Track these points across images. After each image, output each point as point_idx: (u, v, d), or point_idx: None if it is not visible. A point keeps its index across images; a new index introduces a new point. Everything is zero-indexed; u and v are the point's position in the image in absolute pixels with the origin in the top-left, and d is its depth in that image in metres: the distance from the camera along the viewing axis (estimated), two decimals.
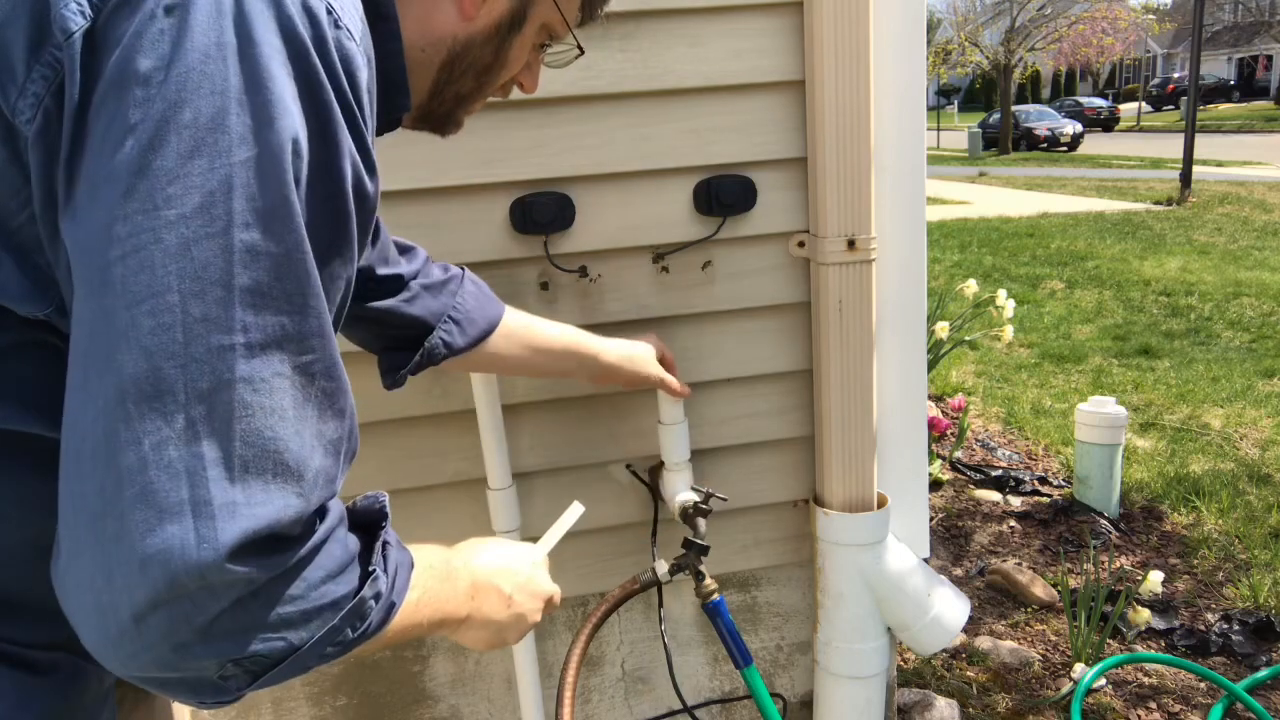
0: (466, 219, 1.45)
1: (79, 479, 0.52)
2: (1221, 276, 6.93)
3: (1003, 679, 2.20)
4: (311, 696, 1.65)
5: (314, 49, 0.56)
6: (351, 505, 0.68)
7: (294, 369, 0.55)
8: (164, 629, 0.52)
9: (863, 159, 1.43)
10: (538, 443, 1.56)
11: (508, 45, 0.79)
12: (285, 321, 0.55)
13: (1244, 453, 3.57)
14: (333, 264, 0.59)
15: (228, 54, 0.53)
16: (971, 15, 30.28)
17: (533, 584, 0.89)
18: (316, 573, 0.58)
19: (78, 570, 0.53)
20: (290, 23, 0.55)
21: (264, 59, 0.53)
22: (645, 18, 1.41)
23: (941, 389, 4.47)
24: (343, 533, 0.61)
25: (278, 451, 0.54)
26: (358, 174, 0.60)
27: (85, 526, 0.52)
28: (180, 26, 0.52)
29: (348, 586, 0.60)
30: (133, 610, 0.51)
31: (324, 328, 0.57)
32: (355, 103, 0.59)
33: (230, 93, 0.52)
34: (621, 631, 1.73)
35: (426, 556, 0.75)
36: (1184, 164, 11.66)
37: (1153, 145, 22.47)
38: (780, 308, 1.58)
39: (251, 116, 0.53)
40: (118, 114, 0.51)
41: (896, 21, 1.47)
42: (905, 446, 1.66)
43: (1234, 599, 2.53)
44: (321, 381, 0.58)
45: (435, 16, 0.74)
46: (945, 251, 8.60)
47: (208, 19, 0.52)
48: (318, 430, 0.57)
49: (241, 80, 0.53)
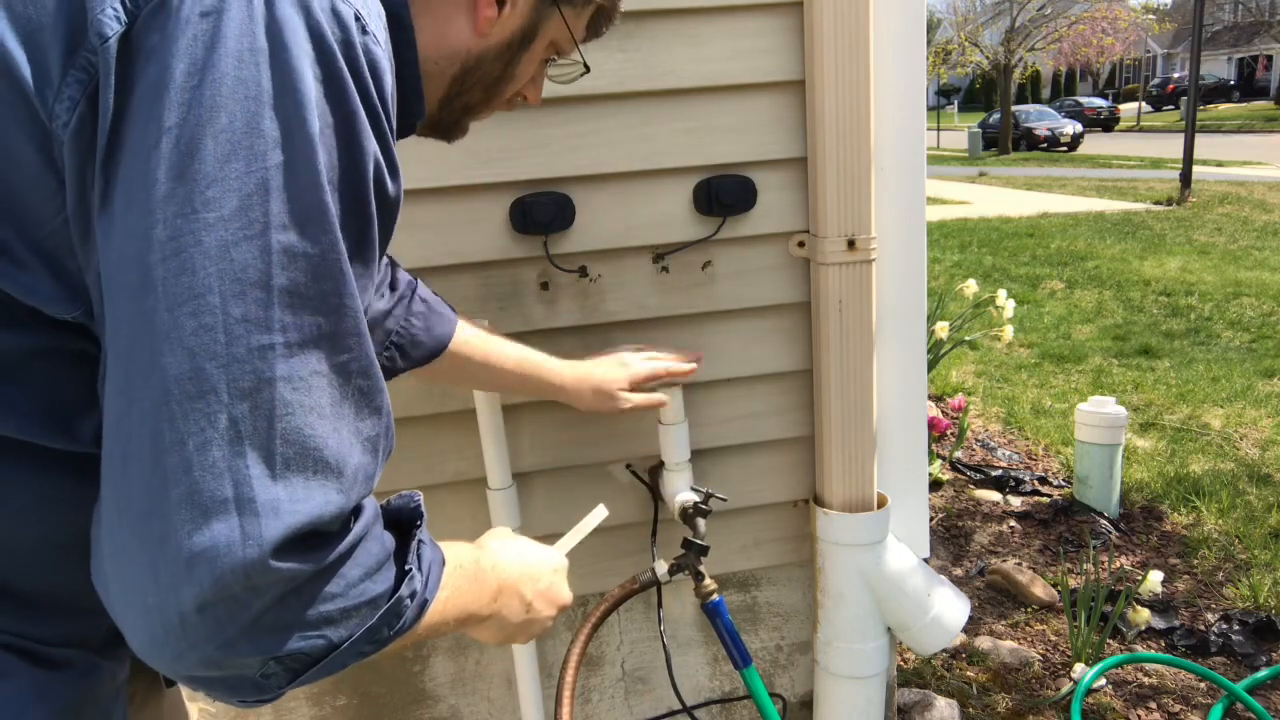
0: (466, 219, 1.45)
1: (124, 480, 0.53)
2: (1221, 276, 6.93)
3: (1003, 679, 2.20)
4: (312, 696, 1.65)
5: (341, 53, 0.57)
6: (386, 504, 0.69)
7: (331, 367, 0.57)
8: (210, 627, 0.53)
9: (863, 159, 1.43)
10: (538, 443, 1.56)
11: (517, 61, 0.81)
12: (322, 321, 0.56)
13: (1244, 453, 3.57)
14: (358, 267, 0.60)
15: (260, 59, 0.54)
16: (971, 15, 30.28)
17: (552, 591, 0.91)
18: (355, 570, 0.59)
19: (123, 571, 0.54)
20: (319, 28, 0.56)
21: (295, 63, 0.54)
22: (645, 18, 1.41)
23: (941, 389, 4.47)
24: (379, 530, 0.62)
25: (318, 449, 0.55)
26: (380, 176, 0.61)
27: (131, 527, 0.53)
28: (214, 32, 0.53)
29: (385, 585, 0.61)
30: (179, 609, 0.52)
31: (360, 327, 0.59)
32: (381, 106, 0.60)
33: (264, 97, 0.53)
34: (621, 631, 1.73)
35: (457, 555, 0.76)
36: (1184, 164, 11.66)
37: (1153, 145, 22.48)
38: (780, 308, 1.58)
39: (285, 120, 0.54)
40: (154, 118, 0.52)
41: (896, 21, 1.47)
42: (905, 446, 1.66)
43: (1234, 599, 2.53)
44: (358, 380, 0.59)
45: (450, 31, 0.76)
46: (945, 251, 8.60)
47: (240, 25, 0.54)
48: (355, 428, 0.59)
49: (274, 85, 0.54)
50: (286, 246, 0.54)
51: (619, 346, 1.40)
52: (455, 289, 1.46)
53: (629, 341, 1.46)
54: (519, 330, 1.49)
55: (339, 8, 0.57)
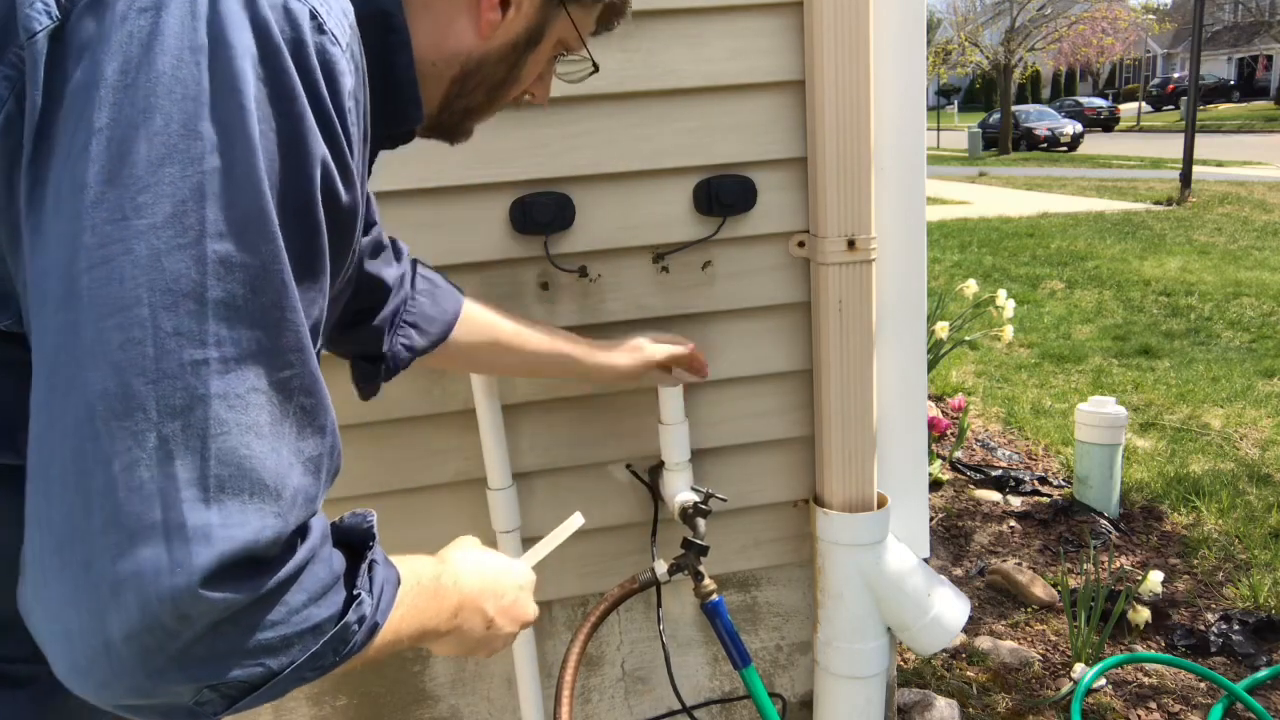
0: (466, 219, 1.45)
1: (46, 502, 0.50)
2: (1221, 276, 6.93)
3: (1003, 679, 2.20)
4: (311, 696, 1.65)
5: (290, 52, 0.54)
6: (339, 521, 0.66)
7: (270, 384, 0.53)
8: (138, 656, 0.50)
9: (863, 159, 1.43)
10: (538, 443, 1.56)
11: (523, 63, 0.80)
12: (261, 336, 0.53)
13: (1244, 453, 3.57)
14: (304, 278, 0.57)
15: (200, 57, 0.51)
16: (971, 15, 30.28)
17: (516, 608, 0.87)
18: (298, 596, 0.56)
19: (46, 597, 0.51)
20: (266, 25, 0.53)
21: (237, 63, 0.52)
22: (646, 17, 1.41)
23: (941, 389, 4.47)
24: (327, 552, 0.59)
25: (255, 470, 0.52)
26: (330, 183, 0.58)
27: (53, 552, 0.50)
28: (152, 28, 0.51)
29: (331, 609, 0.58)
30: (104, 638, 0.49)
31: (302, 342, 0.55)
32: (335, 110, 0.57)
33: (202, 98, 0.51)
34: (621, 631, 1.73)
35: (415, 570, 0.73)
36: (1184, 164, 11.66)
37: (1153, 145, 22.47)
38: (780, 308, 1.58)
39: (224, 123, 0.51)
40: (84, 118, 0.50)
41: (896, 21, 1.47)
42: (905, 446, 1.66)
43: (1234, 599, 2.53)
44: (300, 398, 0.56)
45: (450, 34, 0.74)
46: (945, 251, 8.60)
47: (180, 21, 0.51)
48: (296, 448, 0.55)
49: (213, 85, 0.51)
50: (223, 256, 0.51)
51: (633, 335, 1.40)
52: None
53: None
54: None
55: (291, 5, 0.55)
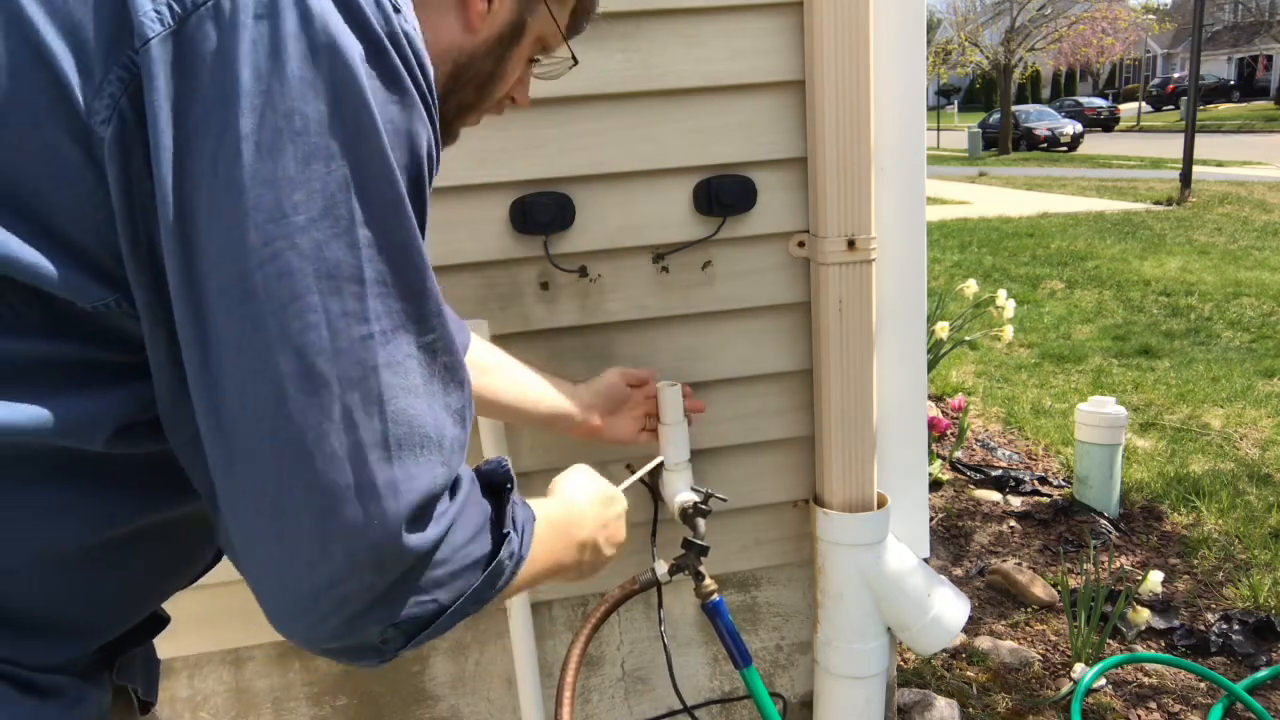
0: (466, 219, 1.45)
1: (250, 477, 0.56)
2: (1221, 276, 6.93)
3: (1003, 679, 2.20)
4: (311, 696, 1.65)
5: (390, 43, 0.58)
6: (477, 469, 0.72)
7: (420, 348, 0.60)
8: (339, 604, 0.57)
9: (863, 159, 1.43)
10: (538, 443, 1.56)
11: (508, 57, 0.82)
12: (409, 306, 0.59)
13: (1244, 453, 3.57)
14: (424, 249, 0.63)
15: (320, 58, 0.55)
16: (971, 15, 30.29)
17: (618, 535, 0.98)
18: (460, 535, 0.63)
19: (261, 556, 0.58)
20: (368, 22, 0.57)
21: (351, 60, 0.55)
22: (645, 18, 1.41)
23: (941, 389, 4.47)
24: (477, 495, 0.67)
25: (422, 426, 0.59)
26: (431, 157, 0.63)
27: (268, 517, 0.56)
28: (273, 35, 0.54)
29: (486, 547, 0.66)
30: (313, 589, 0.57)
31: (440, 307, 0.62)
32: (427, 85, 0.61)
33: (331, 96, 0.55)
34: (621, 631, 1.73)
35: (546, 510, 0.80)
36: (1184, 164, 11.66)
37: (1153, 145, 22.48)
38: (780, 308, 1.58)
39: (354, 117, 0.55)
40: (229, 127, 0.53)
41: (896, 21, 1.47)
42: (905, 446, 1.66)
43: (1234, 599, 2.53)
44: (443, 357, 0.62)
45: (442, 28, 0.75)
46: (945, 251, 8.60)
47: (296, 26, 0.54)
48: (445, 402, 0.62)
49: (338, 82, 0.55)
50: (372, 240, 0.56)
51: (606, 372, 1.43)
52: (455, 289, 1.45)
53: (629, 343, 1.47)
54: (519, 330, 1.49)
55: None
